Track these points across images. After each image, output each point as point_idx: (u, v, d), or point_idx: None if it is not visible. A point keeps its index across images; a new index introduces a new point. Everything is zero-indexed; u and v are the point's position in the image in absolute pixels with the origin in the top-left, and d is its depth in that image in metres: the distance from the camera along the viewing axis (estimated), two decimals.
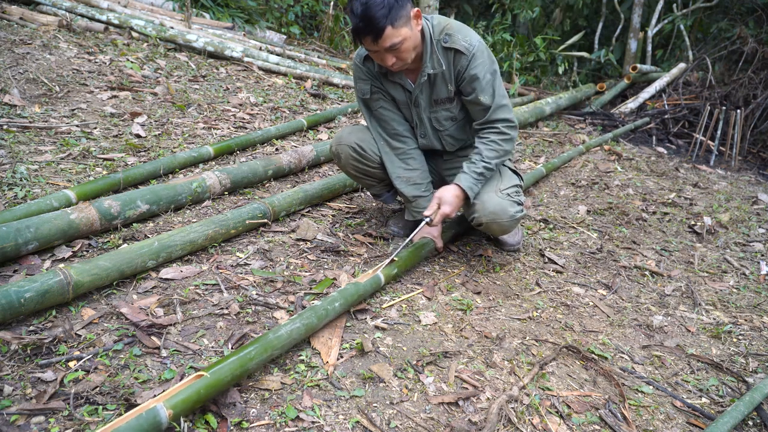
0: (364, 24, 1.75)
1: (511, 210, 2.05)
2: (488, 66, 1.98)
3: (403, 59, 1.88)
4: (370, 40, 1.80)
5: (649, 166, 4.33)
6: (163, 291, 1.75)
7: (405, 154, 2.19)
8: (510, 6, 8.51)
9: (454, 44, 1.94)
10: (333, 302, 1.67)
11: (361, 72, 2.11)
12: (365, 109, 2.20)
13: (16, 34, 3.99)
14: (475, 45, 1.95)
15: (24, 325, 1.48)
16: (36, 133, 2.69)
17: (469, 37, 1.96)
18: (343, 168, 2.29)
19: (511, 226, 2.10)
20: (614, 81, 7.15)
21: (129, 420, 1.12)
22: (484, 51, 1.98)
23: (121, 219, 2.02)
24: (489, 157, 2.03)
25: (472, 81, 1.98)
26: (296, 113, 3.98)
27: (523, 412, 1.49)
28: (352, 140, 2.20)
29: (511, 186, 2.12)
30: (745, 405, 1.61)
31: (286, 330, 1.48)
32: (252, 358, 1.37)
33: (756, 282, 2.58)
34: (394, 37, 1.79)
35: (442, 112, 2.12)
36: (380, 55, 1.87)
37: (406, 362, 1.61)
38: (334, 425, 1.33)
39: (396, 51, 1.84)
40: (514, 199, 2.09)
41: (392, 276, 1.97)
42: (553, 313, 2.04)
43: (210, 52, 4.87)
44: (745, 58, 6.07)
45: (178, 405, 1.19)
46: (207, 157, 2.79)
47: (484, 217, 2.05)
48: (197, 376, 1.27)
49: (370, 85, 2.12)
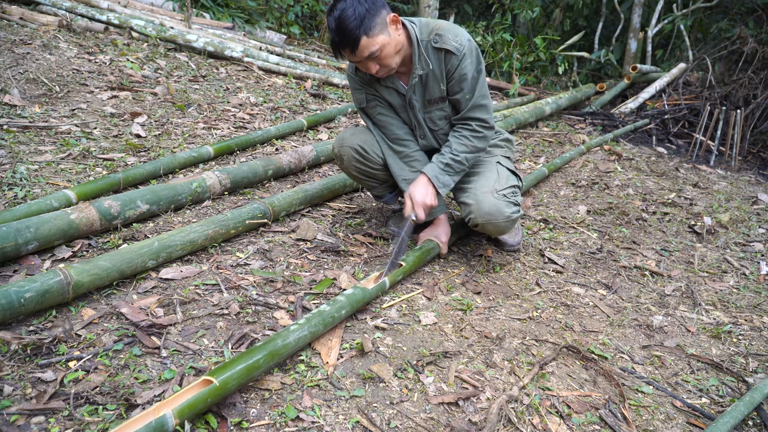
0: (340, 38, 1.79)
1: (507, 211, 2.05)
2: (476, 65, 2.00)
3: (386, 65, 1.89)
4: (348, 51, 1.83)
5: (649, 166, 4.33)
6: (163, 291, 1.75)
7: (408, 157, 2.19)
8: (510, 6, 8.51)
9: (444, 44, 1.95)
10: (341, 309, 1.66)
11: (355, 82, 2.13)
12: (365, 117, 2.22)
13: (16, 34, 3.99)
14: (465, 45, 1.96)
15: (24, 325, 1.48)
16: (36, 133, 2.69)
17: (459, 37, 1.97)
18: (345, 170, 2.29)
19: (508, 227, 2.10)
20: (614, 81, 7.14)
21: (138, 429, 1.12)
22: (474, 50, 1.99)
23: (121, 219, 2.02)
24: (458, 150, 2.06)
25: (460, 80, 1.99)
26: (296, 113, 3.98)
27: (523, 412, 1.49)
28: (355, 142, 2.20)
29: (508, 187, 2.12)
30: (745, 405, 1.61)
31: (294, 338, 1.48)
32: (259, 366, 1.37)
33: (756, 282, 2.58)
34: (371, 46, 1.81)
35: (435, 111, 2.12)
36: (364, 65, 1.89)
37: (406, 362, 1.61)
38: (334, 425, 1.33)
39: (377, 59, 1.86)
40: (511, 199, 2.09)
41: (396, 281, 1.98)
42: (553, 313, 2.04)
43: (210, 52, 4.87)
44: (745, 58, 6.07)
45: (185, 411, 1.20)
46: (207, 157, 2.79)
47: (480, 218, 2.06)
48: (205, 382, 1.26)
49: (365, 93, 2.14)
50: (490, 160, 2.21)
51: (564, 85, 7.59)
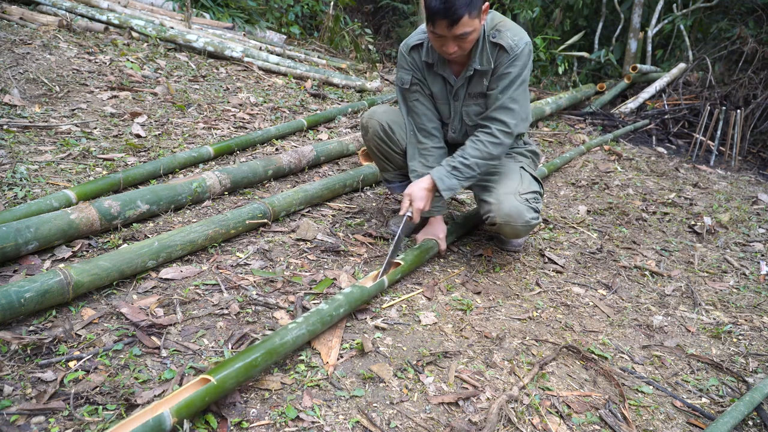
0: (445, 9, 1.75)
1: (527, 215, 2.03)
2: (521, 69, 1.97)
3: (464, 49, 1.88)
4: (444, 24, 1.78)
5: (649, 166, 4.33)
6: (163, 291, 1.75)
7: (427, 150, 2.18)
8: (510, 6, 8.50)
9: (500, 40, 1.93)
10: (339, 308, 1.66)
11: (406, 62, 2.11)
12: (401, 98, 2.20)
13: (16, 34, 3.99)
14: (521, 47, 1.93)
15: (24, 325, 1.48)
16: (36, 133, 2.69)
17: (518, 37, 1.94)
18: (366, 143, 2.29)
19: (525, 231, 2.09)
20: (614, 81, 7.14)
21: (135, 427, 1.12)
22: (527, 55, 1.96)
23: (121, 219, 2.02)
24: (470, 154, 2.01)
25: (500, 77, 1.97)
26: (296, 113, 3.98)
27: (523, 412, 1.49)
28: (384, 119, 2.21)
29: (531, 192, 2.10)
30: (745, 405, 1.61)
31: (292, 336, 1.48)
32: (257, 365, 1.37)
33: (756, 282, 2.57)
34: (467, 26, 1.79)
35: (473, 106, 2.10)
36: (445, 42, 1.85)
37: (406, 362, 1.61)
38: (334, 425, 1.33)
39: (462, 40, 1.84)
40: (532, 205, 2.07)
41: (395, 280, 1.98)
42: (553, 313, 2.04)
43: (210, 52, 4.87)
44: (745, 58, 6.06)
45: (182, 410, 1.20)
46: (207, 157, 2.79)
47: (499, 217, 2.04)
48: (203, 381, 1.26)
49: (412, 76, 2.11)
50: (515, 165, 2.19)
51: (564, 85, 7.59)
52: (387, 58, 9.02)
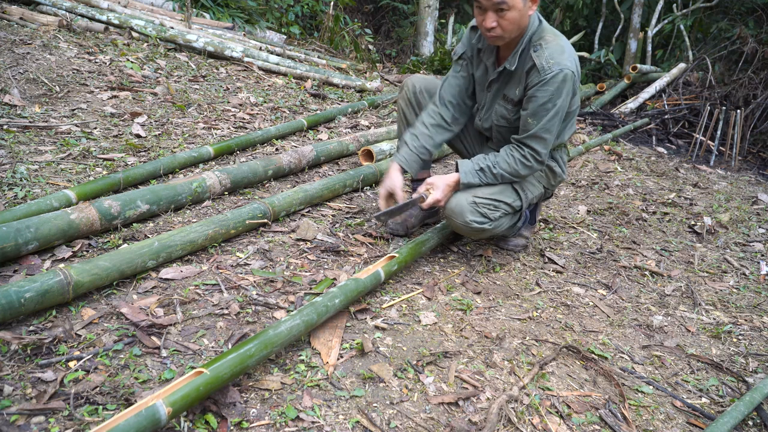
0: None
1: (469, 217, 2.04)
2: (554, 98, 1.92)
3: (503, 28, 1.87)
4: None
5: (649, 166, 4.33)
6: (163, 291, 1.75)
7: (426, 127, 2.21)
8: None
9: (536, 57, 1.92)
10: (333, 299, 1.66)
11: (467, 38, 2.18)
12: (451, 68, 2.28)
13: (16, 34, 3.99)
14: (554, 72, 1.88)
15: (24, 325, 1.48)
16: (36, 133, 2.69)
17: (554, 60, 1.89)
18: (399, 98, 2.41)
19: (468, 232, 2.12)
20: (614, 81, 7.15)
21: (128, 418, 1.12)
22: (561, 83, 1.89)
23: (121, 219, 2.02)
24: (498, 163, 2.06)
25: (530, 100, 1.96)
26: (296, 113, 3.98)
27: (523, 412, 1.49)
28: (421, 85, 2.33)
29: (492, 199, 2.08)
30: (745, 405, 1.61)
31: (286, 327, 1.48)
32: (252, 355, 1.37)
33: (756, 282, 2.58)
34: None
35: (502, 108, 2.13)
36: (486, 14, 1.87)
37: (406, 362, 1.61)
38: (334, 425, 1.33)
39: (501, 15, 1.84)
40: (481, 210, 2.06)
41: (392, 272, 1.97)
42: (553, 313, 2.04)
43: (210, 52, 4.87)
44: (745, 58, 6.07)
45: (177, 402, 1.19)
46: (207, 157, 2.79)
47: (446, 210, 2.10)
48: (196, 373, 1.27)
49: (464, 51, 2.19)
50: None
51: None
52: (387, 58, 9.02)
